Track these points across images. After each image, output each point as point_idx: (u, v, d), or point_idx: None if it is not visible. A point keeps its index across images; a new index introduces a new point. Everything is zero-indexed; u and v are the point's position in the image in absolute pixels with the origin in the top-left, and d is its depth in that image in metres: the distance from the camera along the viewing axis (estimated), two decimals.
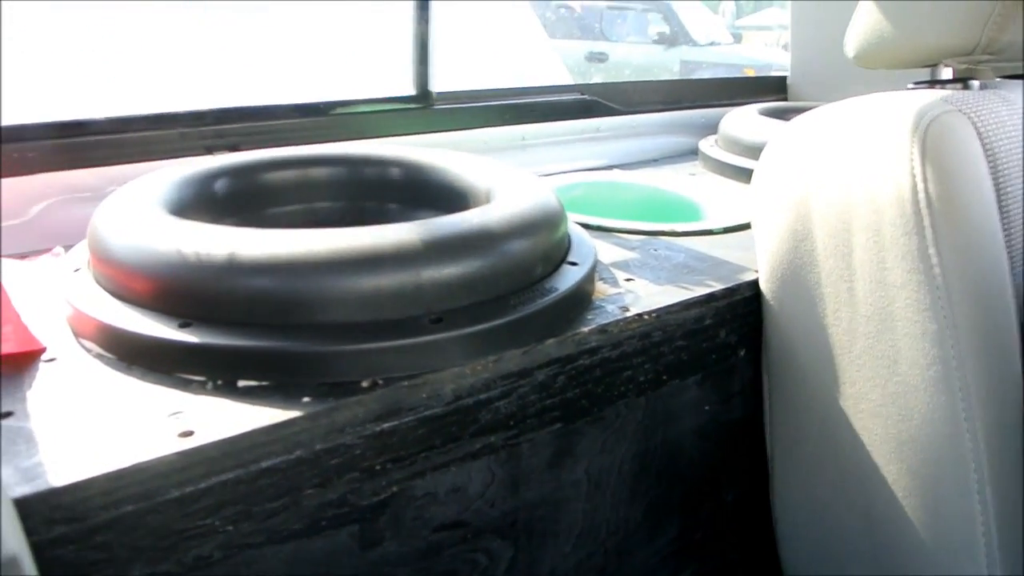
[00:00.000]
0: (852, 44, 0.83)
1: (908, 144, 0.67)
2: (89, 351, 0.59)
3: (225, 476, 0.49)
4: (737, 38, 8.66)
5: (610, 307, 0.69)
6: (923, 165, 0.65)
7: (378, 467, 0.57)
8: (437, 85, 1.14)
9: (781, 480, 0.81)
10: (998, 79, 0.88)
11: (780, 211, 0.75)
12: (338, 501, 0.55)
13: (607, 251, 0.84)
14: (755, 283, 0.78)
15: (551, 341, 0.63)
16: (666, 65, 7.29)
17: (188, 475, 0.48)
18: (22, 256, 0.80)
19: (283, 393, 0.54)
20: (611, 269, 0.79)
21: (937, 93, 0.74)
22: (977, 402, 0.62)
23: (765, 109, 1.30)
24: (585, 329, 0.65)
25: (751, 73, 7.32)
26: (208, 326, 0.56)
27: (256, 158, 0.83)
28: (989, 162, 0.70)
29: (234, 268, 0.56)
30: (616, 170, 1.19)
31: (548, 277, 0.68)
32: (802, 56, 1.54)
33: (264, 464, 0.51)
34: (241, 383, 0.55)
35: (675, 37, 7.34)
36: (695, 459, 0.80)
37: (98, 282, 0.63)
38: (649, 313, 0.69)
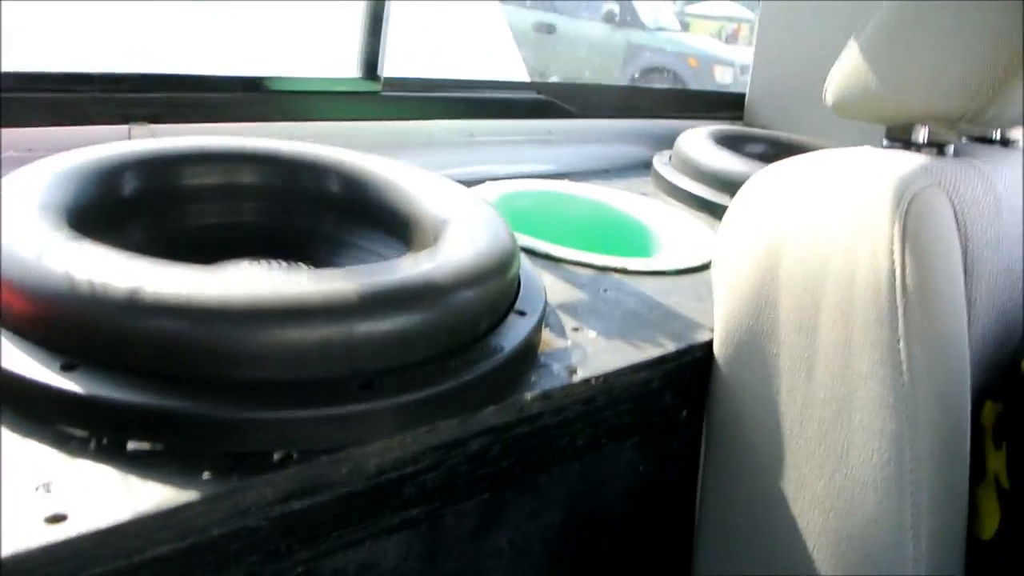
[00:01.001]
0: (833, 91, 0.78)
1: (889, 223, 0.63)
2: None
3: (100, 569, 0.42)
4: (684, 26, 8.65)
5: (556, 366, 0.64)
6: (903, 249, 0.62)
7: (283, 548, 0.50)
8: (387, 69, 1.05)
9: (705, 554, 0.78)
10: (967, 141, 0.86)
11: (744, 273, 0.71)
12: None
13: (555, 288, 0.79)
14: (708, 344, 0.74)
15: (490, 409, 0.57)
16: (612, 45, 7.24)
17: (54, 570, 0.40)
18: None
19: (179, 463, 0.46)
20: (558, 312, 0.73)
21: (915, 159, 0.71)
22: (926, 510, 0.60)
23: (721, 134, 1.26)
24: (528, 395, 0.59)
25: (693, 63, 7.37)
26: (97, 371, 0.48)
27: (174, 148, 0.73)
28: (962, 248, 0.68)
29: (134, 305, 0.48)
30: (567, 181, 1.13)
31: (493, 331, 0.61)
32: (763, 78, 1.51)
33: (149, 554, 0.43)
34: (131, 445, 0.47)
35: (624, 18, 7.28)
36: (623, 524, 0.76)
37: None
38: (597, 377, 0.64)
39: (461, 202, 0.71)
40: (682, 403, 0.75)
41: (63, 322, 0.49)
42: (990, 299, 0.74)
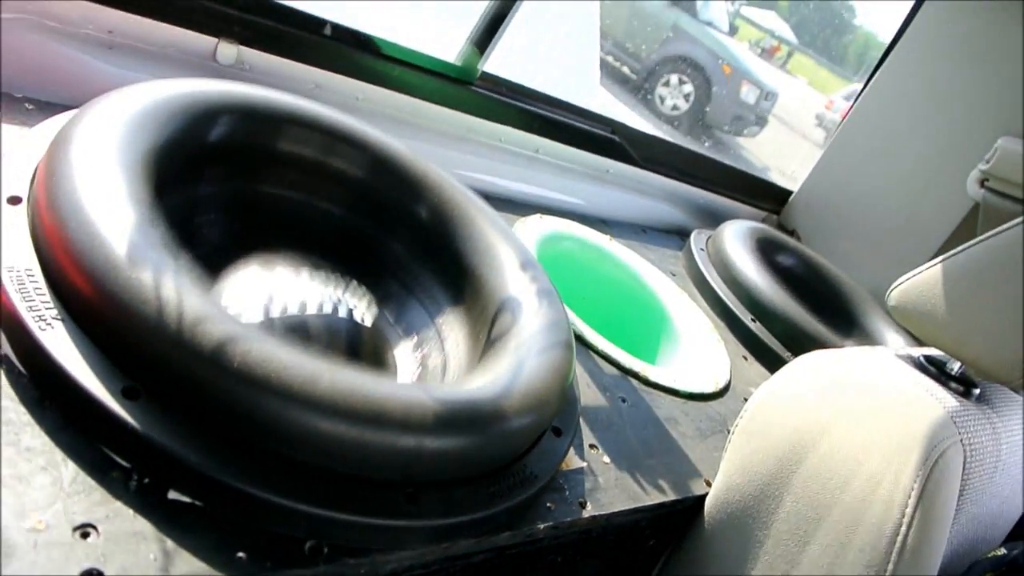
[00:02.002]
0: (899, 296, 0.80)
1: (911, 478, 0.66)
2: None
3: None
4: (733, 29, 8.53)
5: (569, 494, 0.65)
6: (915, 509, 0.65)
7: None
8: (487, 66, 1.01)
9: None
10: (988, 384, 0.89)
11: (760, 458, 0.73)
12: None
13: (580, 380, 0.79)
14: (701, 500, 0.76)
15: (506, 534, 0.58)
16: (660, 21, 7.08)
17: None
18: None
19: (216, 532, 0.45)
20: (580, 421, 0.74)
21: (946, 403, 0.74)
22: None
23: (760, 240, 1.26)
24: (540, 526, 0.60)
25: (727, 71, 7.30)
26: (158, 406, 0.46)
27: (278, 104, 0.68)
28: (958, 501, 0.71)
29: (218, 360, 0.45)
30: (609, 238, 1.12)
31: (531, 450, 0.61)
32: (814, 189, 1.51)
33: None
34: (172, 495, 0.45)
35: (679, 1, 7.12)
36: None
37: (38, 249, 0.49)
38: (601, 515, 0.65)
39: (528, 289, 0.69)
40: (656, 536, 0.78)
41: (140, 346, 0.46)
42: (958, 537, 0.78)
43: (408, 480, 0.51)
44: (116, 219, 0.49)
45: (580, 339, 0.85)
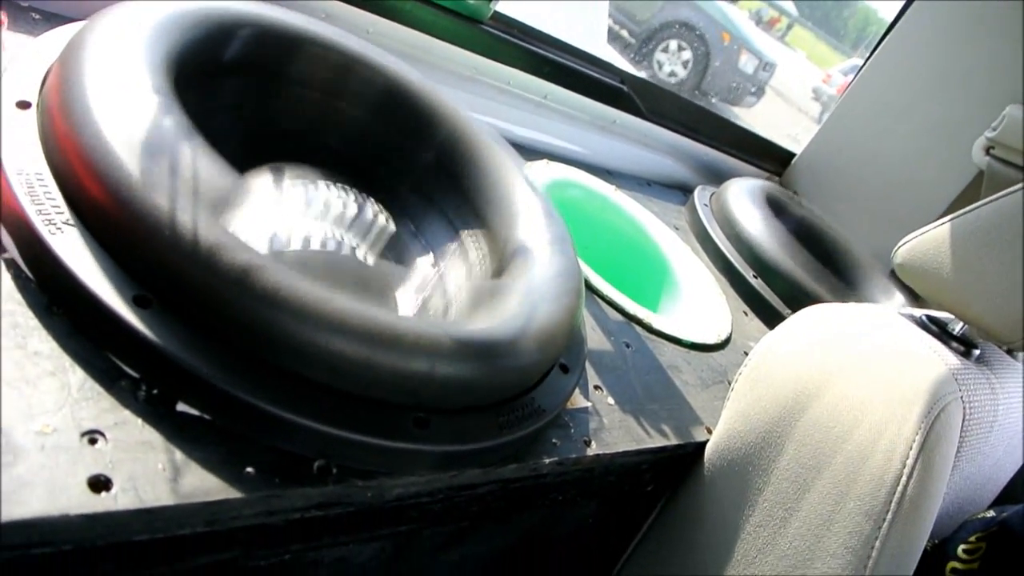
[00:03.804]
0: (904, 254, 0.79)
1: (913, 430, 0.66)
2: (3, 251, 0.45)
3: (123, 539, 0.40)
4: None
5: (575, 431, 0.64)
6: (916, 460, 0.65)
7: (282, 540, 0.49)
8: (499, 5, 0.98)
9: None
10: (989, 344, 0.89)
11: (763, 405, 0.73)
12: (228, 561, 0.48)
13: (587, 325, 0.78)
14: (702, 446, 0.76)
15: (512, 466, 0.58)
16: None
17: (83, 535, 0.38)
18: None
19: (225, 446, 0.44)
20: (586, 363, 0.73)
21: (948, 361, 0.74)
22: None
23: (764, 197, 1.25)
24: (546, 459, 0.60)
25: (727, 38, 7.22)
26: (170, 315, 0.44)
27: (299, 26, 0.66)
28: (954, 465, 0.72)
29: (234, 272, 0.44)
30: (615, 188, 1.11)
31: (539, 384, 0.61)
32: (817, 151, 1.50)
33: (173, 534, 0.42)
34: (180, 407, 0.44)
35: None
36: (556, 562, 0.79)
37: (48, 155, 0.48)
38: (606, 454, 0.65)
39: (542, 238, 0.67)
40: (655, 481, 0.78)
41: (154, 253, 0.44)
42: (950, 495, 0.79)
43: (418, 405, 0.51)
44: (132, 124, 0.47)
45: (586, 284, 0.85)
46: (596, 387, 0.71)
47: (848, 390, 0.70)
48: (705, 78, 7.00)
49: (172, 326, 0.44)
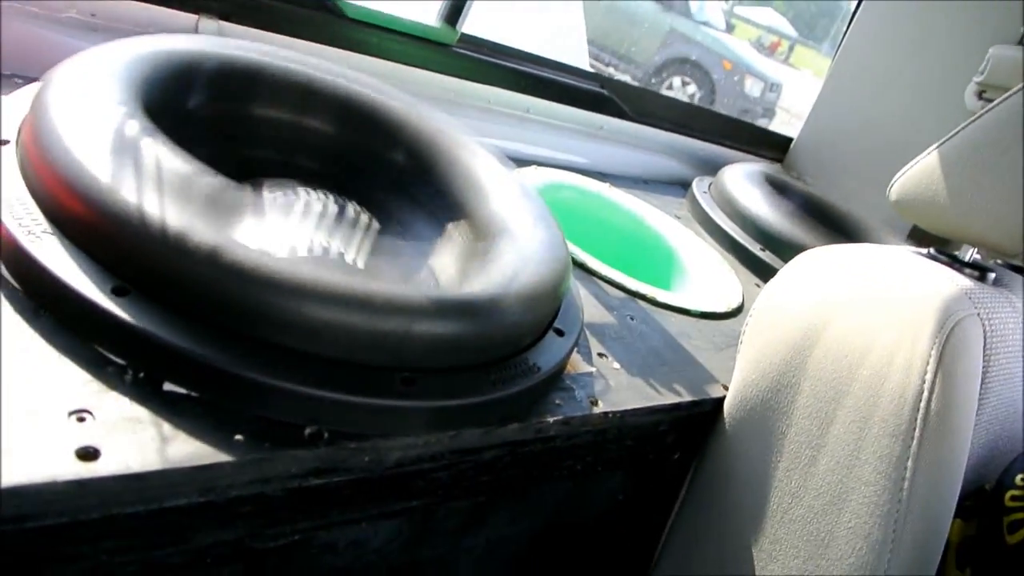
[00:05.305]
0: (899, 190, 0.78)
1: (928, 345, 0.64)
2: None
3: (118, 511, 0.41)
4: (730, 27, 8.55)
5: (579, 392, 0.64)
6: (935, 376, 0.63)
7: (288, 516, 0.50)
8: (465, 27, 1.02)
9: None
10: (1004, 267, 0.87)
11: (773, 348, 0.72)
12: (233, 542, 0.48)
13: (586, 302, 0.78)
14: (720, 401, 0.74)
15: (514, 426, 0.57)
16: (656, 25, 7.12)
17: (75, 504, 0.40)
18: None
19: (213, 417, 0.45)
20: (587, 331, 0.73)
21: (959, 282, 0.72)
22: None
23: (764, 178, 1.25)
24: (550, 419, 0.60)
25: (728, 66, 7.30)
26: (148, 302, 0.46)
27: (256, 60, 0.70)
28: (983, 382, 0.69)
29: (202, 250, 0.46)
30: (608, 185, 1.12)
31: (532, 347, 0.61)
32: (814, 131, 1.50)
33: (166, 504, 0.43)
34: (167, 386, 0.46)
35: (674, 2, 7.16)
36: (590, 542, 0.78)
37: (26, 180, 0.51)
38: (615, 412, 0.64)
39: (520, 208, 0.69)
40: (679, 447, 0.76)
41: (125, 244, 0.47)
42: (987, 427, 0.76)
43: (403, 366, 0.51)
44: (94, 134, 0.50)
45: (583, 267, 0.85)
46: (600, 354, 0.71)
47: (856, 317, 0.69)
48: (714, 107, 7.06)
49: (150, 310, 0.46)
